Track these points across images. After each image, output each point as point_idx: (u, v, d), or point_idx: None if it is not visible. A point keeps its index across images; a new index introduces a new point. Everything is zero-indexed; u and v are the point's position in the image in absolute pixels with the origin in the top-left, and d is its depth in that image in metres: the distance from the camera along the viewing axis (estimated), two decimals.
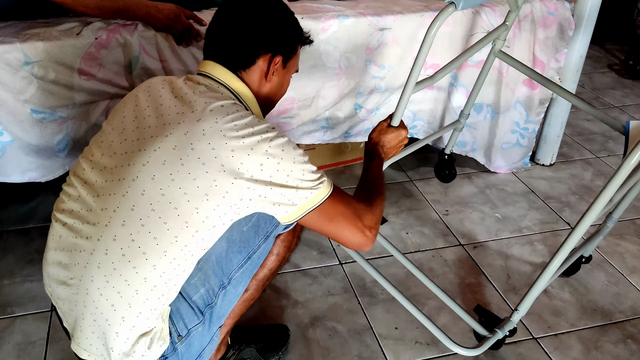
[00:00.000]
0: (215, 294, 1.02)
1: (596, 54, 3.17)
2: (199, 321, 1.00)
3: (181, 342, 0.98)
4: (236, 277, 1.05)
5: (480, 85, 1.72)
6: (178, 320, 0.98)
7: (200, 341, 1.02)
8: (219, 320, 1.05)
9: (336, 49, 1.65)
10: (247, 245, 1.04)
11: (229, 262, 1.02)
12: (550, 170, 2.10)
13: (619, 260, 1.66)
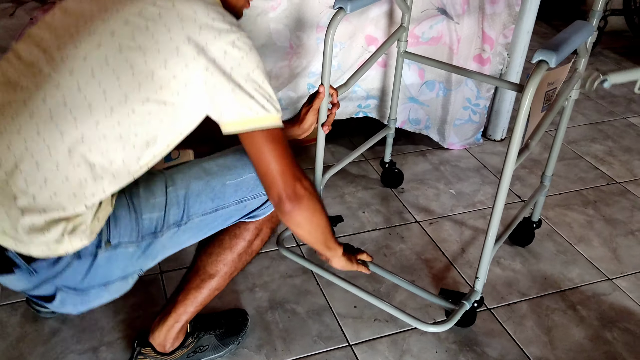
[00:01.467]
0: (167, 226, 0.97)
1: (543, 30, 3.24)
2: (134, 241, 0.94)
3: (105, 250, 0.91)
4: (194, 222, 1.00)
5: (398, 86, 1.69)
6: (114, 227, 0.92)
7: (122, 266, 0.95)
8: (149, 259, 0.99)
9: (286, 27, 1.62)
10: (221, 197, 1.01)
11: (196, 203, 0.99)
12: (501, 145, 2.14)
13: (567, 230, 1.71)
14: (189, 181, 0.99)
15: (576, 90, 1.35)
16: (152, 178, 0.99)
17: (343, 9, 1.22)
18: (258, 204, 1.07)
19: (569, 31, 1.10)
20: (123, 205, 0.93)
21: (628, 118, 2.36)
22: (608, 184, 1.94)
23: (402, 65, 1.65)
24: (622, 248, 1.65)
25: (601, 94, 2.56)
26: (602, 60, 2.90)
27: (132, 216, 0.93)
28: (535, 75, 1.00)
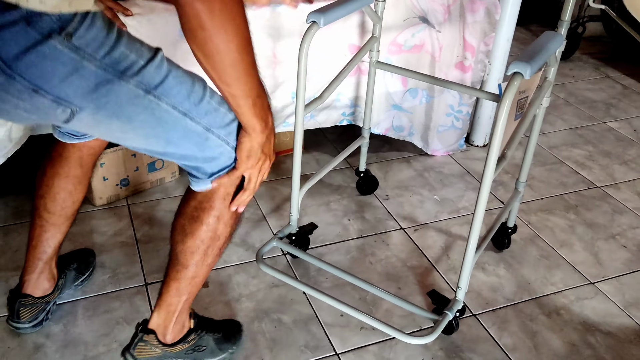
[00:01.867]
0: (136, 79, 0.86)
1: (522, 35, 3.29)
2: (95, 59, 0.82)
3: (60, 43, 0.78)
4: (158, 107, 0.90)
5: (371, 97, 1.69)
6: (85, 28, 0.80)
7: (62, 78, 0.81)
8: (92, 103, 0.85)
9: (269, 37, 1.62)
10: (196, 105, 0.93)
11: (175, 86, 0.91)
12: (483, 151, 2.17)
13: (549, 234, 1.74)
14: (178, 67, 0.91)
15: (547, 99, 1.37)
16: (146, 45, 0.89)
17: (316, 22, 1.24)
18: (216, 154, 0.97)
19: (540, 42, 1.13)
20: (107, 22, 0.83)
21: (607, 123, 2.41)
22: (589, 188, 1.97)
23: (374, 75, 1.66)
24: (604, 252, 1.67)
25: (580, 99, 2.60)
26: (580, 66, 2.95)
27: (109, 35, 0.82)
28: (510, 87, 1.02)
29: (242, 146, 0.96)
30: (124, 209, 1.75)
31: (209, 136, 0.96)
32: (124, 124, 0.90)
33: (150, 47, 0.91)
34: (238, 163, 0.98)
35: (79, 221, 1.69)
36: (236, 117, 0.96)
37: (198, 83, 0.95)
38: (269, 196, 1.86)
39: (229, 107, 0.96)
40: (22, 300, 1.30)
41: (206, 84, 0.96)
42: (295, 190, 1.47)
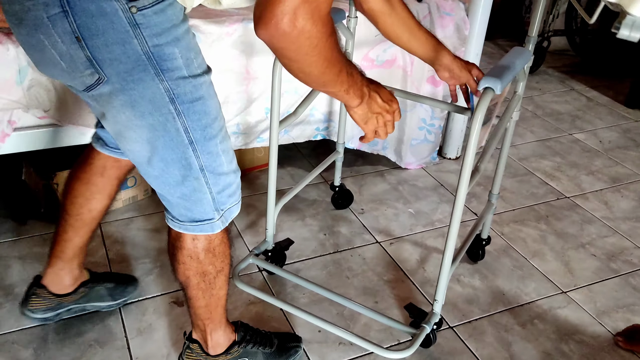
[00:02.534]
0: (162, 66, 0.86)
1: (490, 49, 3.36)
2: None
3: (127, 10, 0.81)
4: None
5: (345, 110, 1.69)
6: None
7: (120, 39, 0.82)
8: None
9: (243, 53, 1.62)
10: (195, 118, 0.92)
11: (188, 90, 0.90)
12: (456, 163, 2.20)
13: (521, 245, 1.77)
14: (214, 97, 0.95)
15: (517, 112, 1.41)
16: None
17: None
18: (194, 197, 0.97)
19: (509, 58, 1.16)
20: (180, 18, 0.86)
21: (573, 134, 2.47)
22: (558, 198, 2.01)
23: None
24: (574, 261, 1.71)
25: (547, 111, 2.67)
26: (546, 79, 3.03)
27: (173, 30, 0.85)
28: (482, 102, 1.04)
29: (355, 118, 1.01)
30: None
31: (199, 175, 0.95)
32: (134, 118, 0.89)
33: (203, 64, 0.93)
34: (363, 130, 1.04)
35: (48, 242, 1.65)
36: (229, 172, 1.00)
37: (219, 121, 0.96)
38: (244, 212, 1.84)
39: (229, 159, 0.99)
40: (37, 289, 1.32)
41: (224, 125, 0.98)
42: (271, 206, 1.47)
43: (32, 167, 1.71)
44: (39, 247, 1.62)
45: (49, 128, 1.49)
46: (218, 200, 1.00)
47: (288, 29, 0.74)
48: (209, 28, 1.55)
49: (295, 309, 1.35)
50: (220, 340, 1.21)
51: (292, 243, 1.61)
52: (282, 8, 0.73)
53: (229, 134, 1.02)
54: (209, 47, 1.56)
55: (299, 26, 0.74)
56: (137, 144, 0.93)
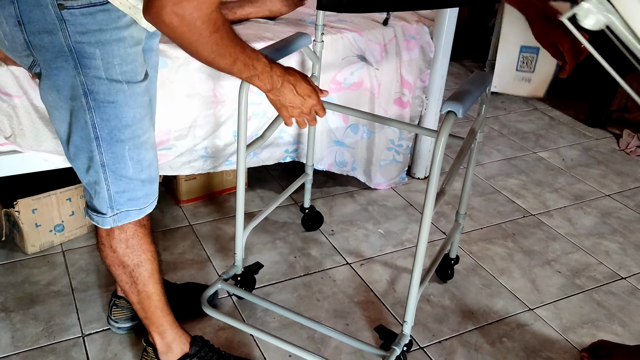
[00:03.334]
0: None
1: (456, 70, 3.44)
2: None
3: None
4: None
5: (313, 135, 1.72)
6: None
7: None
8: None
9: (210, 77, 1.62)
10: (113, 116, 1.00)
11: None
12: (424, 183, 2.23)
13: (490, 263, 1.79)
14: (140, 106, 1.02)
15: (481, 133, 1.44)
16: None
17: None
18: (96, 188, 1.05)
19: (470, 82, 1.19)
20: (118, 23, 0.93)
21: (537, 153, 2.53)
22: (524, 216, 2.05)
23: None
24: (540, 278, 1.74)
25: (512, 130, 2.73)
26: (510, 99, 3.11)
27: (102, 33, 0.93)
28: (445, 126, 1.06)
29: (271, 103, 1.14)
30: (58, 256, 1.67)
31: (99, 170, 1.03)
32: (58, 100, 0.97)
33: (131, 74, 0.98)
34: (281, 114, 1.16)
35: (9, 271, 1.60)
36: (135, 179, 1.06)
37: (132, 129, 1.01)
38: (212, 236, 1.82)
39: (140, 168, 1.06)
40: (116, 299, 1.41)
41: (142, 135, 1.04)
42: (240, 230, 1.46)
43: None
44: (1, 277, 1.57)
45: (10, 155, 1.45)
46: (115, 199, 1.06)
47: (167, 20, 0.84)
48: (175, 52, 1.54)
49: (265, 334, 1.34)
50: (171, 347, 1.25)
51: (262, 267, 1.60)
52: (162, 2, 0.83)
53: (152, 146, 1.09)
54: (175, 71, 1.56)
55: (175, 21, 0.84)
56: (61, 124, 1.01)
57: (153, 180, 1.11)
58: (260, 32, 1.74)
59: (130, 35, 0.96)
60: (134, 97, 1.00)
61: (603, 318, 1.59)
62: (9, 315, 1.45)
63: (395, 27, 1.91)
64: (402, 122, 1.64)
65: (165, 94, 1.56)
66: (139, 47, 1.00)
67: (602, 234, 1.97)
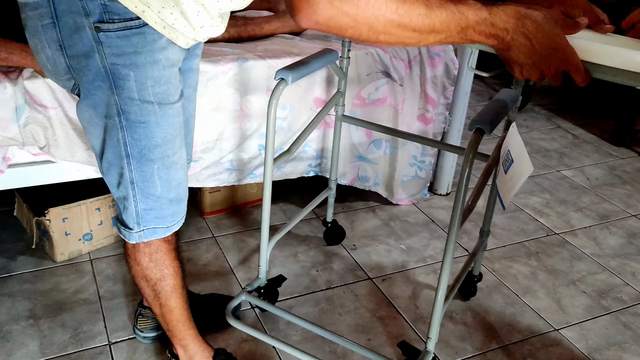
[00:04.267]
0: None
1: (478, 87, 3.44)
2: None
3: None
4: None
5: (337, 149, 1.73)
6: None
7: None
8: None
9: (237, 92, 1.65)
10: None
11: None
12: (446, 199, 2.22)
13: (513, 282, 1.78)
14: (172, 125, 1.03)
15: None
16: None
17: (285, 80, 1.28)
18: (125, 203, 1.07)
19: (498, 99, 1.19)
20: (153, 45, 0.95)
21: (561, 171, 2.51)
22: (548, 235, 2.03)
23: (340, 129, 1.70)
24: (566, 298, 1.72)
25: (535, 148, 2.72)
26: (533, 117, 3.09)
27: (136, 56, 0.95)
28: (473, 143, 1.06)
29: (508, 64, 0.83)
30: (86, 265, 1.70)
31: (128, 186, 1.05)
32: (95, 117, 1.01)
33: (163, 95, 1.00)
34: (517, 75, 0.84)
35: (38, 278, 1.63)
36: (162, 198, 1.08)
37: (162, 149, 1.03)
38: (236, 248, 1.84)
39: (169, 188, 1.07)
40: (142, 309, 1.43)
41: (172, 155, 1.06)
42: (264, 242, 1.47)
43: (25, 203, 1.71)
44: (30, 284, 1.60)
45: (43, 165, 1.49)
46: (142, 216, 1.08)
47: (328, 14, 0.70)
48: (204, 67, 1.58)
49: (288, 346, 1.34)
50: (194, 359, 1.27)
51: (285, 279, 1.61)
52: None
53: (182, 166, 1.10)
54: (204, 85, 1.59)
55: (336, 6, 0.69)
56: (96, 140, 1.04)
57: (181, 200, 1.12)
58: (287, 47, 1.77)
59: (165, 57, 0.97)
60: (166, 118, 1.01)
61: (630, 340, 1.57)
62: (37, 322, 1.48)
63: None
64: (427, 138, 1.64)
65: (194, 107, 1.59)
66: (174, 69, 1.01)
67: (628, 255, 1.94)
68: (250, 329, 1.41)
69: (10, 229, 1.82)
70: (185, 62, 1.12)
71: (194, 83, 1.23)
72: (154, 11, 0.91)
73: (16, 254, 1.72)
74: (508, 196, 1.29)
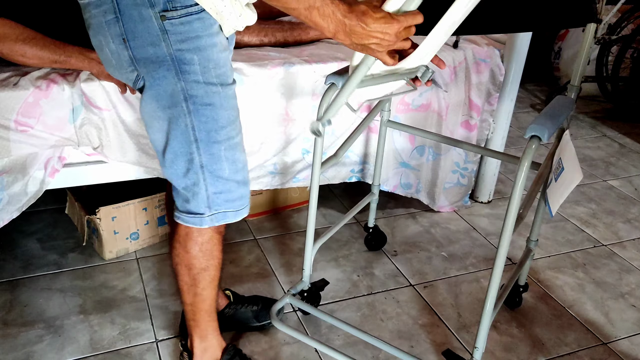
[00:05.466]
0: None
1: (519, 94, 3.38)
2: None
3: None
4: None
5: (381, 155, 1.73)
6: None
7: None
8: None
9: (283, 96, 1.67)
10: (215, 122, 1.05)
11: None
12: (488, 207, 2.19)
13: (559, 293, 1.74)
14: (232, 109, 1.07)
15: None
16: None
17: (335, 84, 1.28)
18: (194, 190, 1.09)
19: (554, 107, 1.17)
20: (211, 30, 0.99)
21: (608, 181, 2.45)
22: (595, 246, 1.98)
23: (385, 134, 1.70)
24: (614, 311, 1.67)
25: (580, 157, 2.65)
26: (577, 125, 3.03)
27: (199, 40, 0.99)
28: (529, 151, 1.05)
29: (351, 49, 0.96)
30: (133, 263, 1.74)
31: (198, 171, 1.07)
32: (157, 109, 1.03)
33: (224, 77, 1.04)
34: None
35: (88, 275, 1.68)
36: (230, 180, 1.10)
37: (227, 131, 1.07)
38: (277, 251, 1.86)
39: (235, 169, 1.10)
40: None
41: (235, 136, 1.09)
42: (309, 246, 1.48)
43: (76, 201, 1.76)
44: (80, 280, 1.65)
45: (96, 164, 1.54)
46: (212, 199, 1.10)
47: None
48: (251, 71, 1.60)
49: (331, 349, 1.34)
50: (207, 351, 1.30)
51: (328, 284, 1.61)
52: None
53: (243, 149, 1.13)
54: (251, 89, 1.61)
55: None
56: (158, 134, 1.06)
57: (246, 183, 1.15)
58: (333, 52, 1.78)
59: (220, 41, 1.02)
60: (227, 99, 1.05)
61: None
62: (87, 317, 1.52)
63: (466, 50, 1.91)
64: (475, 145, 1.63)
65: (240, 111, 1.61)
66: (227, 53, 1.05)
67: None
68: (293, 331, 1.41)
69: (62, 226, 1.88)
70: None
71: None
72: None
73: (67, 250, 1.77)
74: (557, 204, 1.26)
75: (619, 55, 3.04)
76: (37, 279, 1.64)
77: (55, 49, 1.34)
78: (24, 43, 1.31)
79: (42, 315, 1.51)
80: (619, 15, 3.07)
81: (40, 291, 1.60)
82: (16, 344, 1.40)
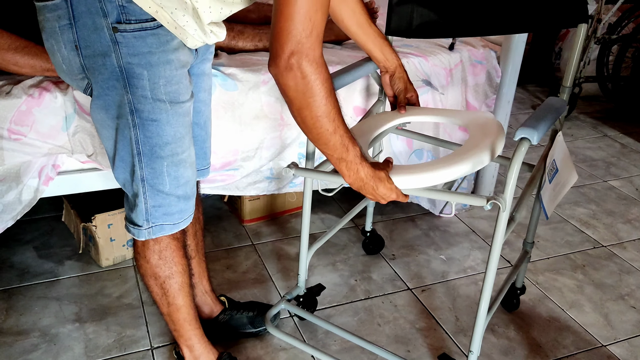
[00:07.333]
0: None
1: (520, 95, 3.37)
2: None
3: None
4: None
5: (379, 157, 1.72)
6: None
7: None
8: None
9: (278, 100, 1.67)
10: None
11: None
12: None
13: (558, 295, 1.72)
14: (182, 125, 1.06)
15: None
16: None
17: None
18: (134, 201, 1.10)
19: (545, 108, 1.16)
20: (166, 47, 0.99)
21: (608, 181, 2.43)
22: (594, 247, 1.97)
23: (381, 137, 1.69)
24: (614, 313, 1.65)
25: (580, 157, 2.64)
26: (578, 125, 3.01)
27: (149, 56, 0.98)
28: (518, 153, 1.04)
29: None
30: (129, 270, 1.74)
31: (139, 184, 1.08)
32: (107, 119, 1.04)
33: (174, 95, 1.03)
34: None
35: (84, 282, 1.68)
36: (171, 195, 1.10)
37: (171, 147, 1.07)
38: (275, 256, 1.85)
39: (176, 184, 1.10)
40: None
41: (181, 153, 1.09)
42: (304, 251, 1.47)
43: (72, 209, 1.76)
44: (76, 288, 1.65)
45: (90, 172, 1.54)
46: (151, 213, 1.11)
47: (290, 68, 0.90)
48: (245, 76, 1.60)
49: (327, 355, 1.34)
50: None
51: (324, 288, 1.60)
52: (286, 47, 0.89)
53: (190, 165, 1.13)
54: (245, 94, 1.61)
55: (296, 66, 0.90)
56: (108, 142, 1.08)
57: (188, 197, 1.15)
58: (327, 56, 1.77)
59: (177, 58, 1.01)
60: (176, 117, 1.05)
61: None
62: (83, 325, 1.52)
63: (462, 52, 1.90)
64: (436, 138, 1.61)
65: (235, 116, 1.61)
66: (184, 70, 1.05)
67: None
68: (289, 337, 1.41)
69: (58, 234, 1.88)
70: (197, 66, 1.16)
71: (208, 87, 1.25)
72: (167, 12, 0.95)
73: (63, 258, 1.78)
74: (552, 205, 1.26)
75: (620, 55, 3.03)
76: (34, 288, 1.65)
77: (47, 57, 1.35)
78: (15, 52, 1.32)
79: (37, 323, 1.51)
80: (619, 14, 3.06)
81: (36, 299, 1.60)
82: (12, 352, 1.40)
